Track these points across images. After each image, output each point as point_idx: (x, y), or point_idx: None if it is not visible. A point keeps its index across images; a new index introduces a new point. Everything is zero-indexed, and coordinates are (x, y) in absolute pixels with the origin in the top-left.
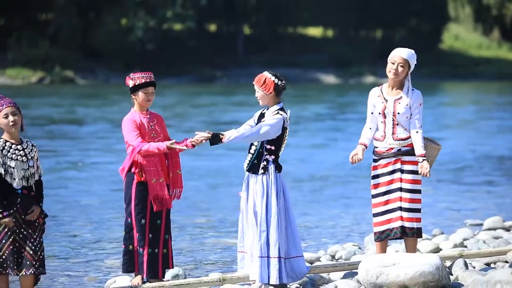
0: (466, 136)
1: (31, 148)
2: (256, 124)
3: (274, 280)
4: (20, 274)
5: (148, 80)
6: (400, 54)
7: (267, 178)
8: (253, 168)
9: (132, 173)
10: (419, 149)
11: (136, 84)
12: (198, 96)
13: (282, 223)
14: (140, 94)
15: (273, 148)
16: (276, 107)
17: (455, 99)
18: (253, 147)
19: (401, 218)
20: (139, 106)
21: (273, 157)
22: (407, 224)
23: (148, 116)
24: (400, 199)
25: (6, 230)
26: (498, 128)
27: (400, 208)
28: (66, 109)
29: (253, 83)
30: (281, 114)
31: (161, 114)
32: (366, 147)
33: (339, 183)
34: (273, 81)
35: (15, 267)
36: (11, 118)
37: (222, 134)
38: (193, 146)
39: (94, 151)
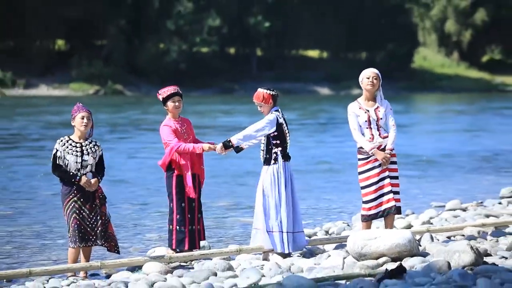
0: (430, 135)
1: (93, 145)
2: None
3: (279, 249)
4: (103, 245)
5: (172, 92)
6: (371, 70)
7: (277, 167)
8: (266, 161)
9: (172, 169)
10: (390, 144)
11: (164, 97)
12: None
13: (290, 204)
14: (169, 104)
15: (278, 142)
16: (272, 110)
17: (423, 107)
18: (262, 145)
19: (394, 199)
20: (171, 114)
21: (280, 149)
22: (397, 204)
23: (180, 122)
24: (390, 184)
25: (68, 211)
26: (455, 130)
27: (391, 191)
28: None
29: (254, 100)
30: (274, 113)
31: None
32: None
33: (331, 173)
34: (269, 93)
35: (96, 238)
36: (85, 120)
37: (230, 140)
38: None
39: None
